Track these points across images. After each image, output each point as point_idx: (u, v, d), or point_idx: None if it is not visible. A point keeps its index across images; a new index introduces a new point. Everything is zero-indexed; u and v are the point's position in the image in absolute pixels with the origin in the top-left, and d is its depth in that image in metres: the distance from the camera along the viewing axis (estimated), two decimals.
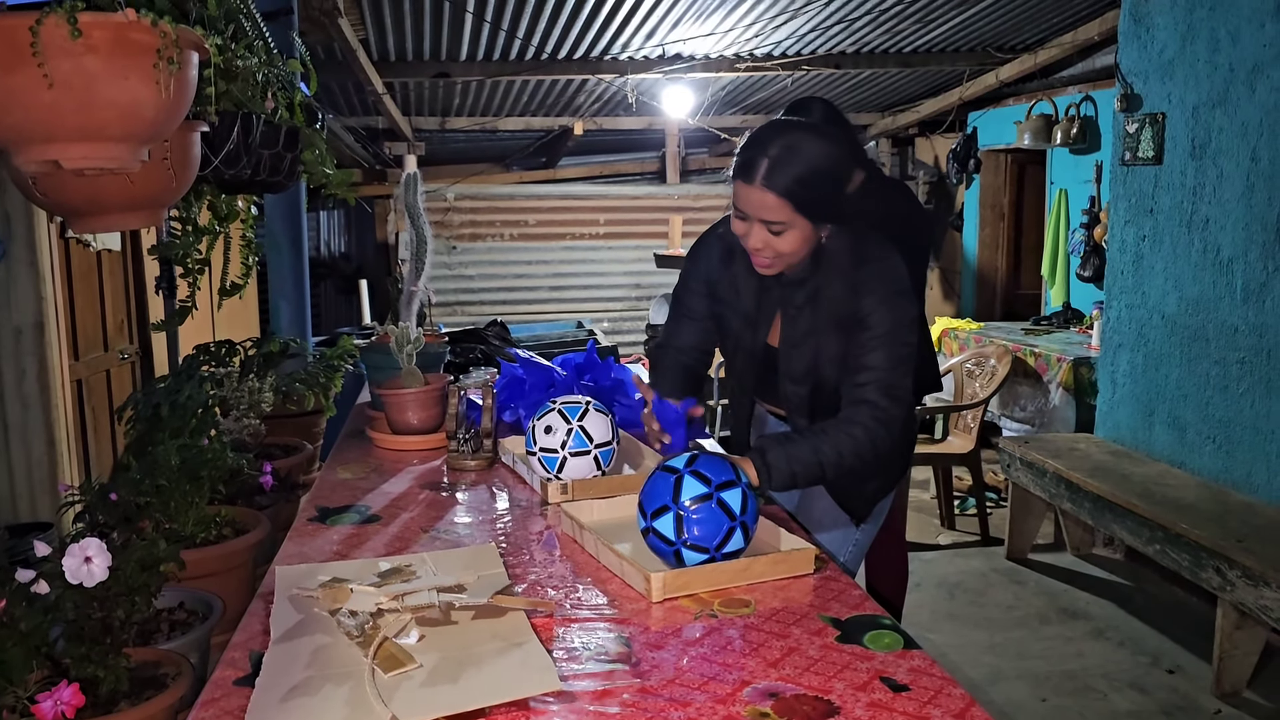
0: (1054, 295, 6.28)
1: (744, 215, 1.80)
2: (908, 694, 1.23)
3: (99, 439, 3.97)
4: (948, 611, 3.88)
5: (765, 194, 1.74)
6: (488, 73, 5.93)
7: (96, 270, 3.97)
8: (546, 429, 1.99)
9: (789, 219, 1.75)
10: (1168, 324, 4.04)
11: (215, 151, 2.34)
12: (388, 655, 1.28)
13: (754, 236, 1.80)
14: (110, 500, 2.25)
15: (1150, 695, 3.21)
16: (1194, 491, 3.63)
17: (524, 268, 8.05)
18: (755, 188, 1.75)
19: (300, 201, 4.00)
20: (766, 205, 1.75)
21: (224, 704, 1.20)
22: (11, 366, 3.28)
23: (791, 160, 1.72)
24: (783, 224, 1.76)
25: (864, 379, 1.83)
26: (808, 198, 1.73)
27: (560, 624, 1.43)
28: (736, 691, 1.23)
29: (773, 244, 1.79)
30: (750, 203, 1.77)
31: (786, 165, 1.72)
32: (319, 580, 1.51)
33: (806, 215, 1.76)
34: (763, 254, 1.82)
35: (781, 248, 1.79)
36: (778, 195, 1.73)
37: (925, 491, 5.26)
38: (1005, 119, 6.71)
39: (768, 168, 1.73)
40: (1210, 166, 3.80)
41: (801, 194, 1.73)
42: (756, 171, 1.74)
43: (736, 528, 1.55)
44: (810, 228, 1.78)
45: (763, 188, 1.74)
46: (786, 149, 1.73)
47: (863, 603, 1.51)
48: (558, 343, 5.29)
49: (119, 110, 1.39)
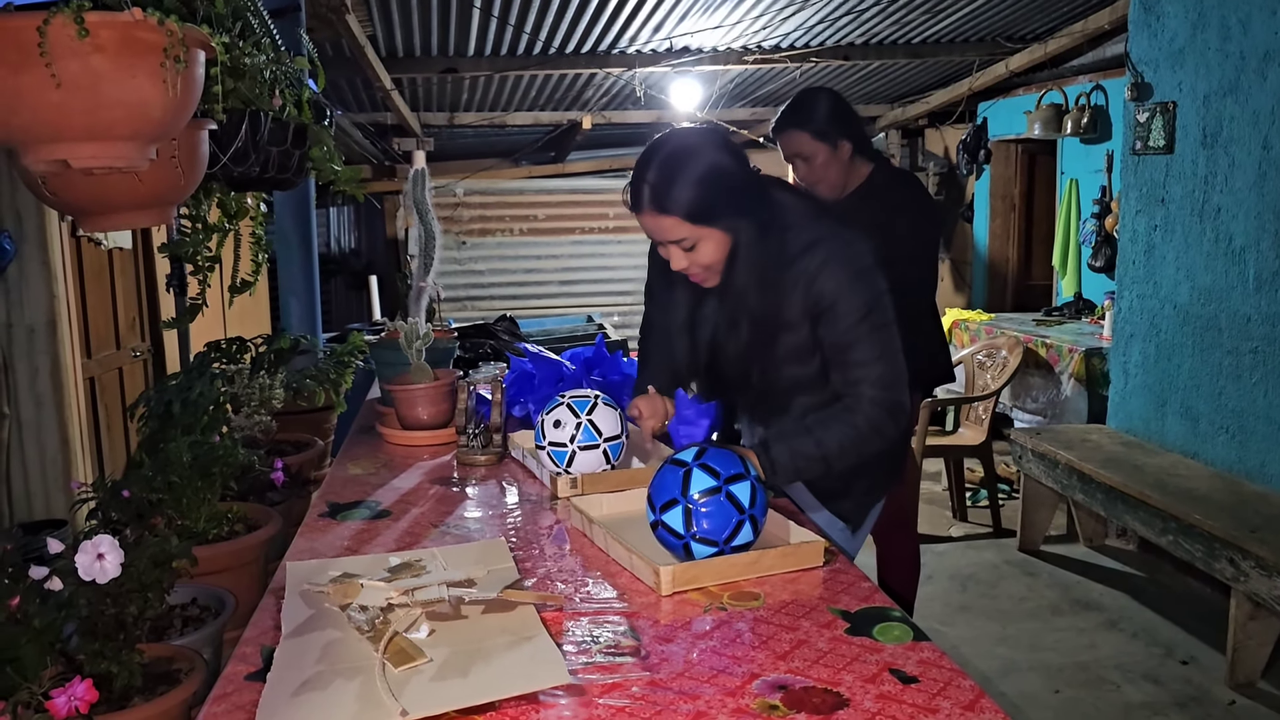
0: (1065, 286, 6.25)
1: (659, 241, 1.83)
2: (917, 686, 1.23)
3: (112, 436, 4.00)
4: (960, 604, 3.87)
5: (657, 218, 1.75)
6: (495, 68, 5.93)
7: (108, 269, 3.99)
8: (555, 423, 1.99)
9: (690, 233, 1.75)
10: (1180, 314, 4.02)
11: (224, 149, 2.35)
12: (398, 650, 1.28)
13: (673, 258, 1.81)
14: (123, 497, 2.27)
15: (1164, 686, 3.20)
16: (1207, 482, 3.62)
17: (533, 262, 8.06)
18: (646, 215, 1.77)
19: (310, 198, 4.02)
20: (663, 228, 1.76)
21: (235, 699, 1.21)
22: (25, 365, 3.30)
23: (669, 178, 1.73)
24: (688, 238, 1.76)
25: (857, 375, 1.80)
26: (698, 208, 1.73)
27: (570, 618, 1.43)
28: (746, 684, 1.23)
29: (693, 259, 1.79)
30: (652, 229, 1.80)
31: (665, 185, 1.73)
32: (329, 575, 1.52)
33: (706, 224, 1.75)
34: (691, 271, 1.83)
35: (702, 260, 1.79)
36: (668, 215, 1.74)
37: (936, 484, 5.25)
38: (1015, 109, 6.68)
39: (650, 193, 1.75)
40: (1222, 155, 3.77)
41: (689, 206, 1.72)
42: (642, 199, 1.76)
43: (746, 521, 1.54)
44: (719, 234, 1.77)
45: (652, 213, 1.75)
46: (661, 169, 1.74)
47: (872, 595, 1.50)
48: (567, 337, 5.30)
49: (127, 109, 1.40)
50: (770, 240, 1.81)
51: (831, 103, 2.71)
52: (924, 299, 2.86)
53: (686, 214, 1.73)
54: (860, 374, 1.80)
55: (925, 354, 2.89)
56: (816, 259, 1.79)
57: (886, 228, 2.41)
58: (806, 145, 2.70)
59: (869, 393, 1.80)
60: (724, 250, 1.79)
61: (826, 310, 1.79)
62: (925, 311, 2.90)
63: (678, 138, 1.79)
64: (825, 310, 1.79)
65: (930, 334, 2.98)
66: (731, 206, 1.76)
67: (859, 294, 1.78)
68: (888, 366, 1.80)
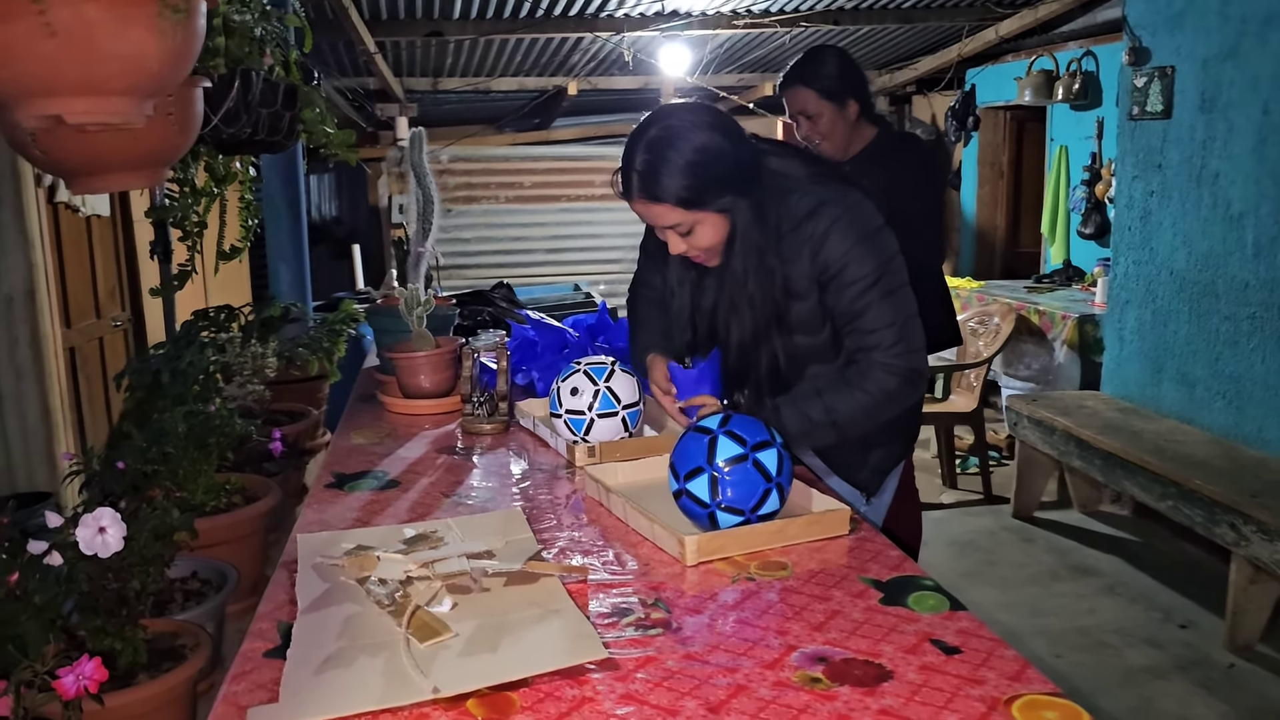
0: (1054, 253, 6.24)
1: (656, 227, 1.77)
2: (960, 656, 1.20)
3: (94, 407, 3.92)
4: (960, 570, 3.87)
5: (649, 206, 1.70)
6: (481, 31, 5.81)
7: (86, 236, 3.89)
8: (573, 390, 1.94)
9: (685, 219, 1.70)
10: (1176, 280, 4.00)
11: (214, 109, 2.27)
12: (422, 624, 1.24)
13: (671, 243, 1.76)
14: (117, 469, 2.21)
15: (1164, 650, 3.21)
16: (1205, 447, 3.62)
17: (520, 230, 7.97)
18: (638, 203, 1.71)
19: (298, 163, 3.92)
20: (656, 214, 1.71)
21: (255, 677, 1.16)
22: (4, 335, 3.21)
23: (657, 165, 1.66)
24: (682, 224, 1.71)
25: (869, 342, 1.73)
26: (689, 193, 1.67)
27: (594, 589, 1.39)
28: (784, 656, 1.20)
29: (691, 243, 1.74)
30: (645, 216, 1.75)
31: (654, 172, 1.67)
32: (343, 548, 1.47)
33: (700, 209, 1.69)
34: (691, 254, 1.77)
35: (700, 244, 1.74)
36: (659, 203, 1.69)
37: (926, 450, 5.25)
38: (1004, 75, 6.63)
39: (639, 181, 1.69)
40: (1220, 120, 3.74)
41: (681, 192, 1.66)
42: (632, 188, 1.70)
43: (773, 489, 1.50)
44: (715, 217, 1.71)
45: (644, 201, 1.70)
46: (648, 155, 1.68)
47: (901, 563, 1.47)
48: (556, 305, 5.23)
49: (123, 62, 1.32)
50: (770, 214, 1.74)
51: (841, 61, 2.65)
52: (932, 263, 2.82)
53: (678, 200, 1.67)
54: (873, 340, 1.73)
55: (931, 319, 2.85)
56: (822, 223, 1.72)
57: (892, 191, 2.35)
58: (812, 103, 2.64)
59: (881, 359, 1.73)
60: (722, 232, 1.73)
61: (835, 276, 1.72)
62: (933, 275, 2.86)
63: (664, 119, 1.71)
64: (833, 276, 1.73)
65: (936, 297, 2.94)
66: (725, 188, 1.69)
67: (868, 258, 1.71)
68: (902, 332, 1.73)
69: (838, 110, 2.66)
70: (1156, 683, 3.03)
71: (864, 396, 1.74)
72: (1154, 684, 3.02)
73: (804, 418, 1.75)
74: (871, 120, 2.78)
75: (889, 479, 2.03)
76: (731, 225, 1.72)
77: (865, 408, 1.75)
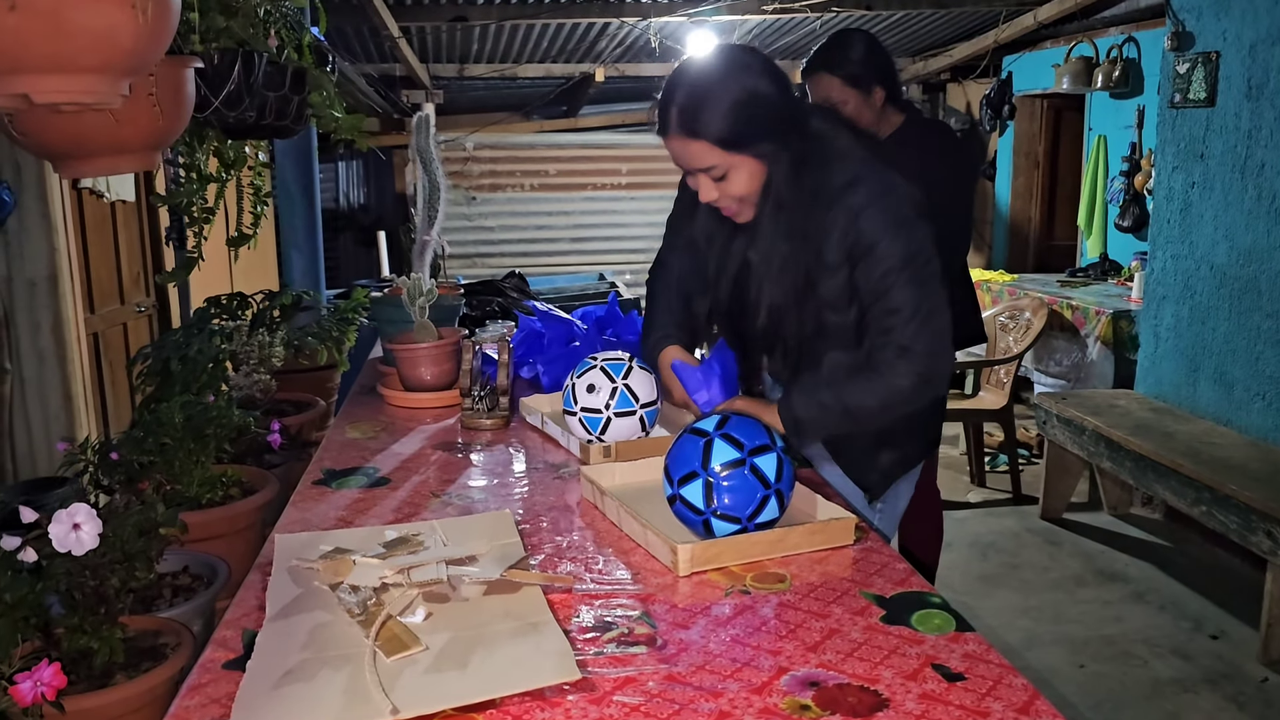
0: (1090, 246, 6.07)
1: (689, 171, 1.69)
2: (964, 684, 1.11)
3: (117, 393, 3.90)
4: (980, 573, 3.76)
5: (686, 143, 1.63)
6: (506, 16, 5.74)
7: (111, 221, 3.87)
8: (589, 387, 1.86)
9: (721, 161, 1.63)
10: (1216, 275, 3.86)
11: (215, 92, 2.21)
12: (391, 636, 1.17)
13: (703, 189, 1.68)
14: (111, 459, 2.16)
15: (1193, 662, 3.09)
16: (1242, 450, 3.48)
17: (545, 219, 7.90)
18: (674, 139, 1.64)
19: (312, 149, 3.88)
20: (692, 153, 1.64)
21: (211, 690, 1.10)
22: (26, 319, 3.19)
23: (700, 100, 1.60)
24: (718, 166, 1.64)
25: (889, 324, 1.65)
26: (730, 133, 1.60)
27: (579, 600, 1.31)
28: (773, 680, 1.12)
29: (724, 190, 1.67)
30: (679, 156, 1.67)
31: (696, 107, 1.60)
32: (320, 550, 1.40)
33: (738, 151, 1.62)
34: (722, 203, 1.70)
35: (733, 191, 1.67)
36: (697, 140, 1.62)
37: (955, 448, 5.13)
38: (1042, 62, 6.45)
39: (678, 116, 1.62)
40: (1268, 108, 3.59)
41: (721, 131, 1.60)
42: (670, 122, 1.64)
43: (771, 496, 1.42)
44: (752, 163, 1.64)
45: (681, 138, 1.63)
46: (692, 90, 1.62)
47: (908, 578, 1.38)
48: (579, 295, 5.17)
49: (92, 37, 1.26)
50: (809, 173, 1.67)
51: (867, 46, 2.55)
52: (957, 255, 2.72)
53: (718, 139, 1.60)
54: (892, 323, 1.64)
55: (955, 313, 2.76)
56: (859, 197, 1.65)
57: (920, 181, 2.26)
58: (837, 91, 2.54)
59: (900, 341, 1.63)
60: (758, 181, 1.66)
61: (866, 252, 1.64)
62: (957, 268, 2.76)
63: (712, 57, 1.65)
64: (865, 252, 1.64)
65: (961, 293, 2.84)
66: (767, 134, 1.62)
67: (901, 240, 1.63)
68: (924, 324, 1.63)
69: (863, 97, 2.56)
70: (1184, 696, 2.91)
71: (880, 389, 1.66)
72: (1181, 697, 2.90)
73: (814, 403, 1.67)
74: (899, 107, 2.68)
75: (899, 485, 1.92)
76: (768, 177, 1.66)
77: (880, 401, 1.66)
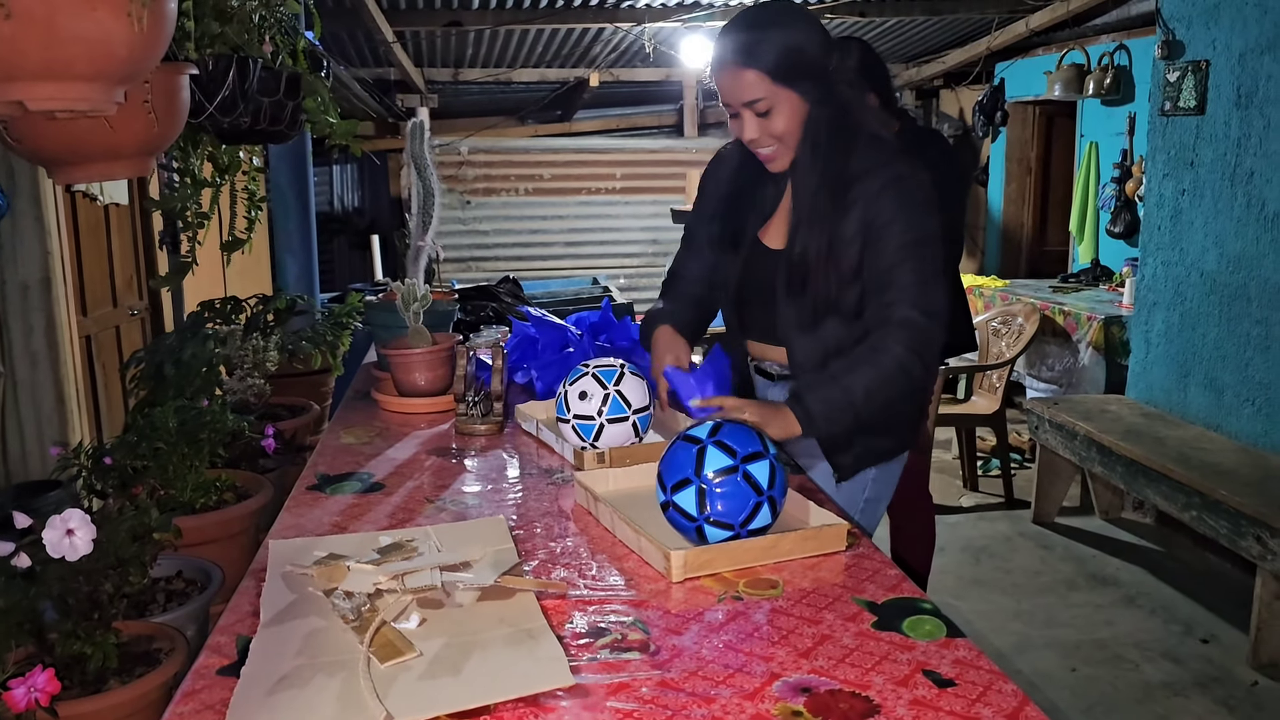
0: (1082, 252, 6.10)
1: (734, 112, 1.78)
2: (954, 690, 1.12)
3: (110, 397, 3.90)
4: (972, 577, 3.77)
5: (740, 72, 1.73)
6: (501, 21, 5.75)
7: (104, 225, 3.86)
8: (581, 394, 1.87)
9: (769, 93, 1.72)
10: (1207, 282, 3.88)
11: (210, 98, 2.22)
12: (385, 643, 1.17)
13: (746, 127, 1.77)
14: (104, 464, 2.17)
15: (1184, 665, 3.11)
16: (1232, 456, 3.50)
17: (539, 223, 7.90)
18: (728, 71, 1.74)
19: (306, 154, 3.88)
20: (744, 84, 1.73)
21: (205, 696, 1.10)
22: (19, 323, 3.18)
23: (759, 33, 1.72)
24: (765, 99, 1.73)
25: (891, 296, 1.72)
26: (783, 64, 1.70)
27: (573, 606, 1.32)
28: (765, 685, 1.13)
29: (766, 128, 1.76)
30: (730, 90, 1.75)
31: (754, 38, 1.72)
32: (315, 556, 1.41)
33: (785, 84, 1.72)
34: (761, 144, 1.79)
35: (774, 128, 1.76)
36: (752, 69, 1.71)
37: (947, 452, 5.14)
38: (1034, 69, 6.48)
39: (735, 45, 1.73)
40: (1257, 116, 3.61)
41: (775, 61, 1.70)
42: (725, 53, 1.74)
43: (764, 503, 1.43)
44: (796, 100, 1.74)
45: (736, 68, 1.73)
46: (752, 24, 1.73)
47: (899, 584, 1.39)
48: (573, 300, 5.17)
49: (87, 45, 1.27)
50: (845, 130, 1.77)
51: (860, 54, 2.56)
52: (949, 262, 2.73)
53: (770, 69, 1.70)
54: (896, 296, 1.71)
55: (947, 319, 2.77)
56: (881, 179, 1.75)
57: None
58: None
59: (902, 322, 1.70)
60: (798, 121, 1.75)
61: (881, 230, 1.73)
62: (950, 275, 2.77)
63: (768, 3, 1.79)
64: (880, 229, 1.73)
65: (953, 299, 2.85)
66: (813, 74, 1.73)
67: (915, 223, 1.74)
68: (922, 299, 1.71)
69: None
70: (1175, 700, 2.92)
71: (877, 371, 1.70)
72: (1172, 701, 2.91)
73: (826, 401, 1.71)
74: (893, 114, 2.69)
75: (872, 475, 1.94)
76: (807, 121, 1.75)
77: (879, 383, 1.71)
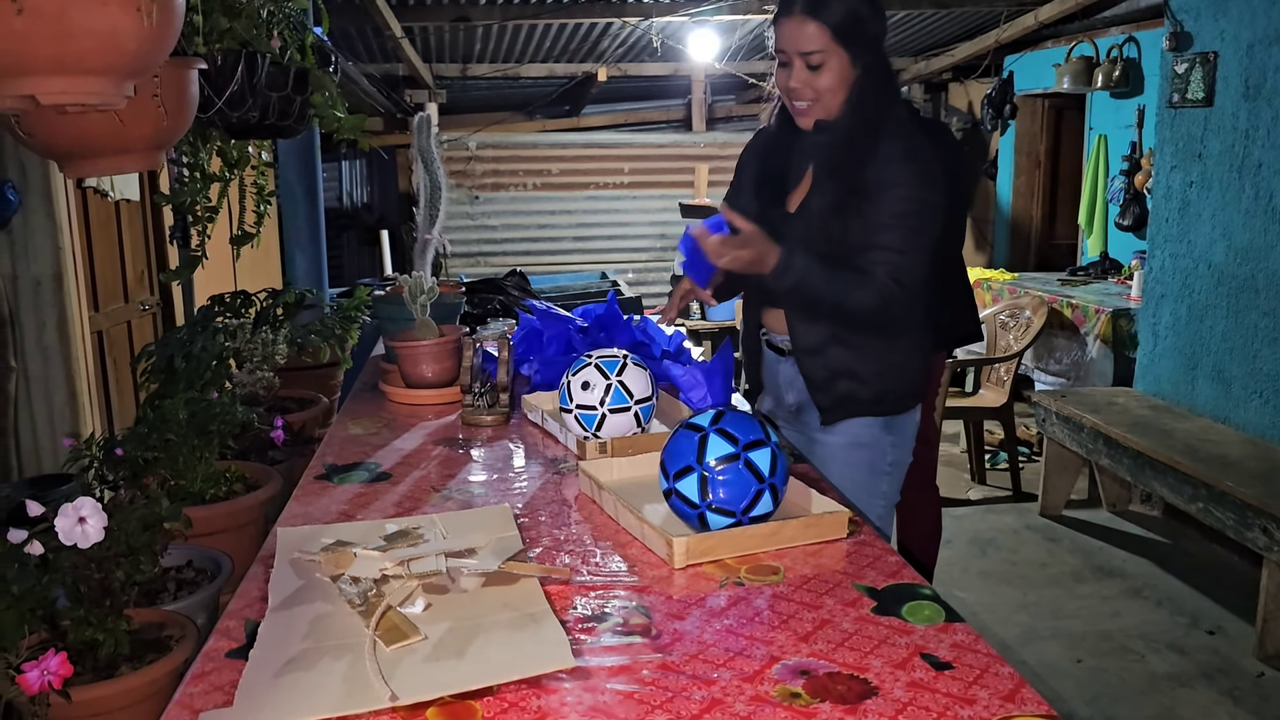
0: (1091, 245, 6.09)
1: (785, 61, 1.87)
2: (951, 672, 1.13)
3: (121, 390, 3.93)
4: (979, 569, 3.78)
5: (804, 22, 1.82)
6: (509, 16, 5.76)
7: (115, 220, 3.89)
8: (584, 385, 1.89)
9: (825, 47, 1.82)
10: (1214, 274, 3.87)
11: (219, 92, 2.24)
12: (391, 626, 1.19)
13: (794, 76, 1.86)
14: (116, 456, 2.19)
15: (1190, 657, 3.11)
16: (1239, 448, 3.50)
17: (547, 218, 7.91)
18: (794, 19, 1.83)
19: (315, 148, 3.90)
20: (804, 34, 1.82)
21: (215, 678, 1.12)
22: (31, 318, 3.22)
23: None
24: (820, 53, 1.82)
25: (872, 257, 1.83)
26: (844, 25, 1.81)
27: (576, 591, 1.34)
28: (765, 668, 1.14)
29: (812, 82, 1.85)
30: (789, 37, 1.84)
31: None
32: (322, 543, 1.43)
33: (843, 43, 1.82)
34: (801, 95, 1.87)
35: (820, 84, 1.85)
36: (815, 20, 1.81)
37: (955, 445, 5.15)
38: (1043, 62, 6.47)
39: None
40: (1265, 108, 3.61)
41: (839, 20, 1.80)
42: (796, 3, 1.83)
43: (765, 490, 1.45)
44: (847, 62, 1.84)
45: (801, 16, 1.82)
46: None
47: (900, 570, 1.41)
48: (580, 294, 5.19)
49: (97, 39, 1.29)
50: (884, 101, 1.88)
51: None
52: (951, 253, 2.74)
53: (834, 25, 1.80)
54: (877, 258, 1.82)
55: (950, 310, 2.78)
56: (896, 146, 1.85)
57: None
58: None
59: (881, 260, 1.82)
60: (842, 82, 1.85)
61: (881, 192, 1.83)
62: (952, 266, 2.78)
63: None
64: (880, 190, 1.83)
65: (956, 290, 2.86)
66: (869, 43, 1.85)
67: (913, 195, 1.83)
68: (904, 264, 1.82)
69: None
70: (1180, 691, 2.93)
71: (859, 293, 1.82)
72: (1177, 692, 2.92)
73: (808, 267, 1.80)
74: None
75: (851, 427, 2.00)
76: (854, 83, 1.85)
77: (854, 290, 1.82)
